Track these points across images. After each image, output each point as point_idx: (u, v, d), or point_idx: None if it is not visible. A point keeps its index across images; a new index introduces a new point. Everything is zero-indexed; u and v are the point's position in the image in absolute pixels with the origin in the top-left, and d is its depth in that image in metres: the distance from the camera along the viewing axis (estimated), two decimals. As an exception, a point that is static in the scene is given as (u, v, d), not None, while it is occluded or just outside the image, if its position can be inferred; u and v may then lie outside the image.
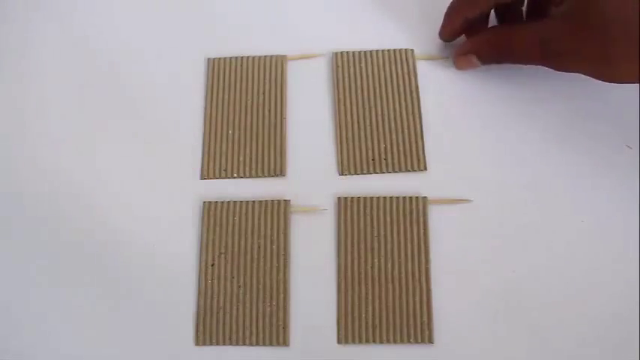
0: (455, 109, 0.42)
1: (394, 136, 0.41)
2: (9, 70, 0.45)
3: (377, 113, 0.42)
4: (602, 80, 0.36)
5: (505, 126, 0.42)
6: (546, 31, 0.37)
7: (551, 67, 0.38)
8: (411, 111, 0.42)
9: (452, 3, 0.41)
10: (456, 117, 0.42)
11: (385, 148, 0.41)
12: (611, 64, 0.35)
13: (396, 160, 0.41)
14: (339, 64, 0.43)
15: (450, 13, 0.42)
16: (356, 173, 0.41)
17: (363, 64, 0.43)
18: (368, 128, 0.42)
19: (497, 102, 0.42)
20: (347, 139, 0.41)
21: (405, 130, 0.41)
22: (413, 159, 0.41)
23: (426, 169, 0.41)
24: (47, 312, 0.39)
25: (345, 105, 0.42)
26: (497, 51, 0.40)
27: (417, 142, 0.41)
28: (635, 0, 0.33)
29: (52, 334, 0.38)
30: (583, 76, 0.38)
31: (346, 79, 0.43)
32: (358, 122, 0.42)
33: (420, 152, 0.41)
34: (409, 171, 0.41)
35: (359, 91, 0.43)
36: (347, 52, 0.44)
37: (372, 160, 0.41)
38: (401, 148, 0.41)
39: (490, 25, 0.43)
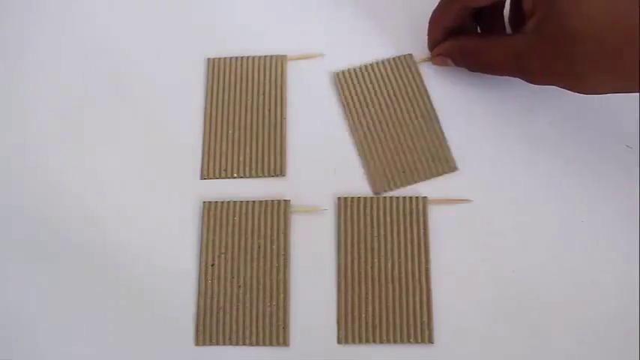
0: (454, 110, 0.42)
1: (417, 145, 0.41)
2: (8, 70, 0.45)
3: (393, 125, 0.42)
4: (578, 93, 0.36)
5: (505, 126, 0.42)
6: (517, 46, 0.37)
7: (526, 81, 0.38)
8: (425, 114, 0.42)
9: (431, 16, 0.41)
10: (455, 117, 0.42)
11: (409, 158, 0.41)
12: (581, 79, 0.35)
13: (426, 168, 0.40)
14: (343, 82, 0.43)
15: (430, 25, 0.42)
16: (390, 188, 0.40)
17: (367, 78, 0.43)
18: (388, 142, 0.41)
19: (497, 101, 0.42)
20: (372, 157, 0.41)
21: (427, 136, 0.41)
22: (442, 162, 0.41)
23: (457, 168, 0.41)
24: (47, 312, 0.39)
25: (360, 122, 0.42)
26: (470, 60, 0.40)
27: (441, 146, 0.41)
28: (598, 14, 0.33)
29: (52, 334, 0.38)
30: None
31: (355, 98, 0.42)
32: (379, 138, 0.41)
33: (447, 154, 0.41)
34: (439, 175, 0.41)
35: (370, 107, 0.42)
36: (348, 70, 0.43)
37: (403, 172, 0.40)
38: (428, 155, 0.41)
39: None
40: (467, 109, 0.42)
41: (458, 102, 0.42)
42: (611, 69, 0.34)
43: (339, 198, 0.40)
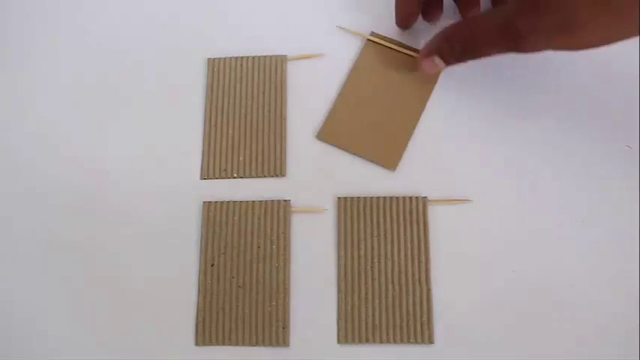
0: (455, 109, 0.42)
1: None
2: (8, 73, 0.45)
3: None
4: (572, 50, 0.35)
5: (505, 126, 0.42)
6: (505, 14, 0.35)
7: (518, 51, 0.36)
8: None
9: None
10: (456, 117, 0.42)
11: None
12: (575, 33, 0.33)
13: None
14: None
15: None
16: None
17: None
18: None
19: (497, 102, 0.42)
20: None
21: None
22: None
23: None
24: (48, 312, 0.39)
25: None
26: (459, 46, 0.38)
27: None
28: None
29: (53, 334, 0.38)
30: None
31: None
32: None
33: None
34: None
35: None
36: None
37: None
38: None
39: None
40: (467, 109, 0.42)
41: (458, 102, 0.42)
42: (608, 12, 0.32)
43: (339, 198, 0.40)
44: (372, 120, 0.42)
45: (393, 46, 0.43)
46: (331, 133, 0.41)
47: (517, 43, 0.35)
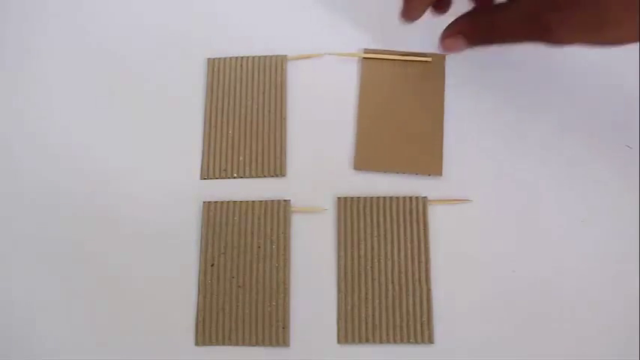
0: (454, 110, 0.42)
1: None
2: (8, 73, 0.45)
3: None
4: (600, 46, 0.34)
5: (505, 126, 0.42)
6: (535, 6, 0.35)
7: (545, 43, 0.35)
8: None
9: None
10: (455, 117, 0.42)
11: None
12: (607, 30, 0.33)
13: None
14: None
15: None
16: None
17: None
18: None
19: (497, 102, 0.42)
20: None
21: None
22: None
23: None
24: (48, 312, 0.39)
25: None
26: (486, 31, 0.38)
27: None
28: None
29: (53, 334, 0.38)
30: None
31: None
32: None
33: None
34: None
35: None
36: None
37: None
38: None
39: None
40: (466, 109, 0.42)
41: (458, 102, 0.42)
42: None
43: (339, 198, 0.40)
44: (399, 134, 0.41)
45: (389, 56, 0.43)
46: (367, 160, 0.41)
47: (543, 35, 0.35)
